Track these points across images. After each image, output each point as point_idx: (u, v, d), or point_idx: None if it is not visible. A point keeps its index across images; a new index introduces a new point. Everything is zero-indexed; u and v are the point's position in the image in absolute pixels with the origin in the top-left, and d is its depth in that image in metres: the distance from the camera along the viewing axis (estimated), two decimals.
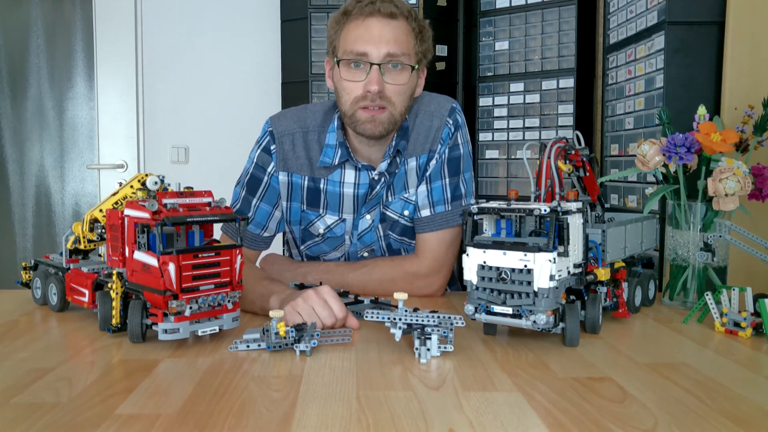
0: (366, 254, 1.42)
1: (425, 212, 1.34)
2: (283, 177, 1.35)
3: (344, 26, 1.26)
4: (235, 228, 1.31)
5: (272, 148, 1.35)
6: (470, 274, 0.92)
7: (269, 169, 1.35)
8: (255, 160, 1.36)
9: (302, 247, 1.44)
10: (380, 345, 0.94)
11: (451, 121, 1.34)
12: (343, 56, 1.24)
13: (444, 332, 0.88)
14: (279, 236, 1.46)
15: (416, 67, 1.27)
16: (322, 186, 1.35)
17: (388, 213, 1.37)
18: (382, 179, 1.34)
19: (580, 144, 1.10)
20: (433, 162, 1.34)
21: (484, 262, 0.91)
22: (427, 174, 1.34)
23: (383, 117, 1.24)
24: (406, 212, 1.37)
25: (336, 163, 1.33)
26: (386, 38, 1.21)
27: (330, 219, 1.37)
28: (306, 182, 1.35)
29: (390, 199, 1.36)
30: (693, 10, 1.68)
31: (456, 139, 1.35)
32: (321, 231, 1.39)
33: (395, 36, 1.22)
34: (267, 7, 2.87)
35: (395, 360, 0.87)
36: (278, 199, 1.37)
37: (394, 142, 1.32)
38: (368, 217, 1.37)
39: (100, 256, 1.17)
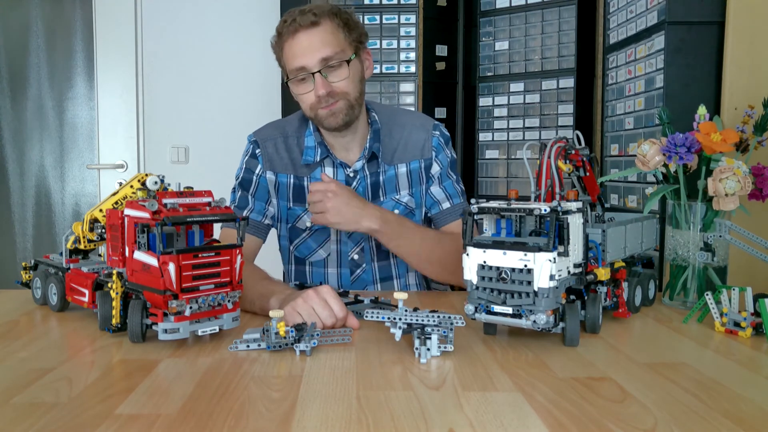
0: (356, 256, 1.47)
1: (446, 204, 1.48)
2: (270, 176, 1.45)
3: (282, 47, 1.35)
4: (254, 224, 1.42)
5: (257, 151, 1.46)
6: (470, 274, 0.92)
7: (257, 171, 1.45)
8: (244, 166, 1.47)
9: (291, 247, 1.50)
10: (380, 345, 0.94)
11: (437, 133, 1.49)
12: (290, 76, 1.35)
13: (444, 332, 0.88)
14: (276, 244, 1.48)
15: (353, 57, 1.34)
16: (305, 183, 1.44)
17: None
18: (357, 176, 1.44)
19: (580, 144, 1.10)
20: (437, 167, 1.48)
21: (484, 262, 0.91)
22: (436, 176, 1.48)
23: (339, 106, 1.33)
24: (396, 212, 1.45)
25: (317, 160, 1.43)
26: (315, 46, 1.30)
27: None
28: (291, 180, 1.45)
29: (382, 198, 1.45)
30: (693, 10, 1.69)
31: (449, 147, 1.51)
32: (308, 224, 1.45)
33: (322, 41, 1.30)
34: (267, 7, 2.87)
35: (395, 360, 0.87)
36: (269, 195, 1.46)
37: (368, 144, 1.42)
38: None
39: (100, 256, 1.17)
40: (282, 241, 1.52)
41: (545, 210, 0.88)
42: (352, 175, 1.44)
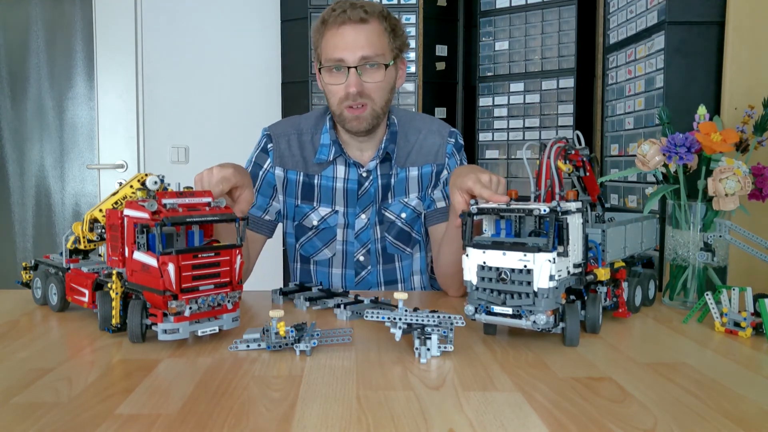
0: (362, 258, 1.47)
1: (441, 204, 1.47)
2: (279, 172, 1.45)
3: (323, 35, 1.35)
4: (253, 220, 1.43)
5: (269, 146, 1.45)
6: (470, 275, 0.92)
7: (266, 166, 1.45)
8: (254, 160, 1.46)
9: (297, 245, 1.51)
10: (380, 345, 0.94)
11: (453, 140, 1.49)
12: (324, 63, 1.35)
13: (444, 332, 0.88)
14: (276, 245, 1.47)
15: (391, 63, 1.36)
16: (316, 181, 1.44)
17: (386, 214, 1.46)
18: (371, 177, 1.44)
19: (580, 144, 1.09)
20: (446, 173, 1.48)
21: (484, 263, 0.91)
22: (443, 180, 1.47)
23: (366, 114, 1.35)
24: (403, 215, 1.46)
25: (330, 159, 1.43)
26: (360, 43, 1.30)
27: (323, 210, 1.45)
28: (301, 178, 1.45)
29: (390, 201, 1.46)
30: (693, 10, 1.69)
31: (462, 154, 1.51)
32: (315, 223, 1.46)
33: (368, 39, 1.31)
34: (267, 7, 2.87)
35: (395, 360, 0.87)
36: (274, 191, 1.46)
37: (383, 145, 1.42)
38: (363, 216, 1.45)
39: (100, 256, 1.17)
40: (288, 238, 1.52)
41: (545, 210, 0.88)
42: (365, 175, 1.44)
